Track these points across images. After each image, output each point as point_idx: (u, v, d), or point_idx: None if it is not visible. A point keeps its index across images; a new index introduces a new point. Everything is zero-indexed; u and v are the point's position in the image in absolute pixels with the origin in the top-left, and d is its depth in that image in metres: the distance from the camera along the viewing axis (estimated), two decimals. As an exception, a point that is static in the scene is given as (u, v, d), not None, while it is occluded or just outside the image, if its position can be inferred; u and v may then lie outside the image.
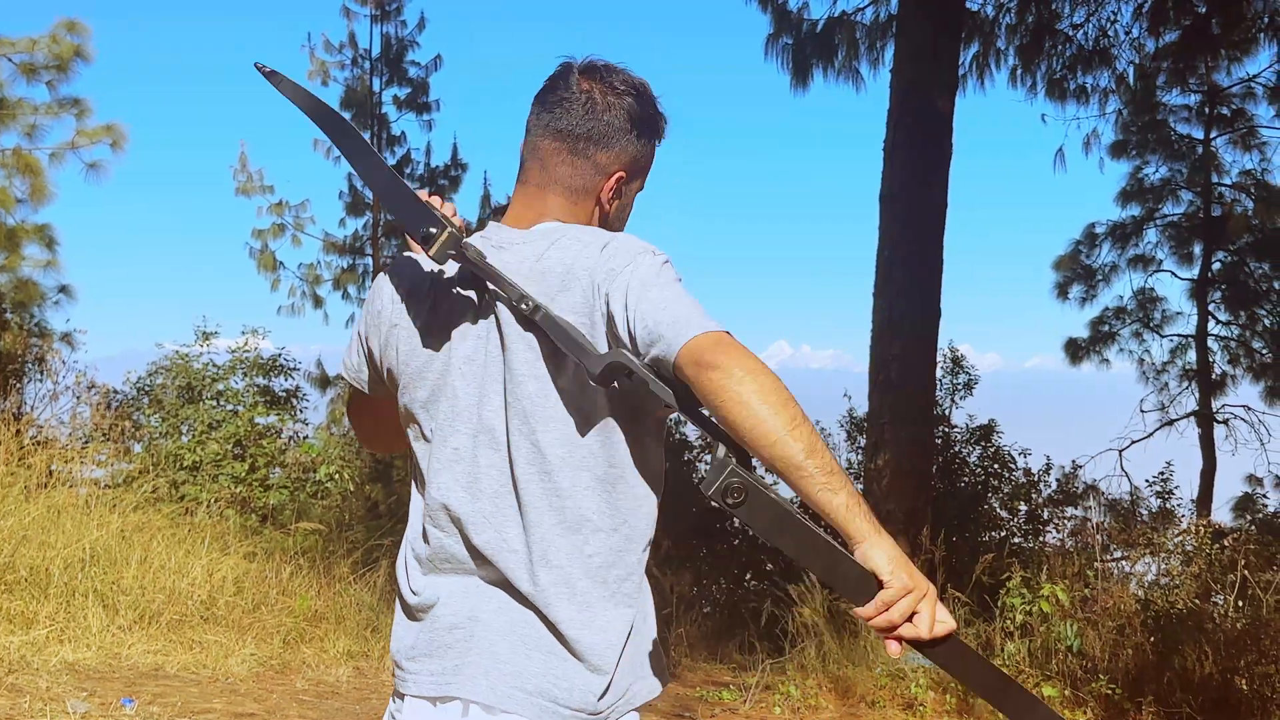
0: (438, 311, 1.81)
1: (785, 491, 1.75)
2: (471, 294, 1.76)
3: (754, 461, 1.59)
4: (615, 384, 1.65)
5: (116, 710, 5.06)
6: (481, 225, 1.87)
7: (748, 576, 12.38)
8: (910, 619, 1.53)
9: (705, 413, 1.62)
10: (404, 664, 1.80)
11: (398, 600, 1.86)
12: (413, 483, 1.87)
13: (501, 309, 1.72)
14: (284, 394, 13.06)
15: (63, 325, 11.21)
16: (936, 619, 1.54)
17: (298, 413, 13.07)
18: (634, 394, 1.67)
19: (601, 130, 1.79)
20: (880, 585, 1.52)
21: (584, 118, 1.78)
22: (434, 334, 1.80)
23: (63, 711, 4.90)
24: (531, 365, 1.70)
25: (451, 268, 1.79)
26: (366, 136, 10.77)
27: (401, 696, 1.81)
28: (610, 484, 1.73)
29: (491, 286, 1.71)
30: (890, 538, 1.56)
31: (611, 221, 1.88)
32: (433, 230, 1.69)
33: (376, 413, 2.04)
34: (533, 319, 1.65)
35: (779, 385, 1.53)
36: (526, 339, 1.70)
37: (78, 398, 10.31)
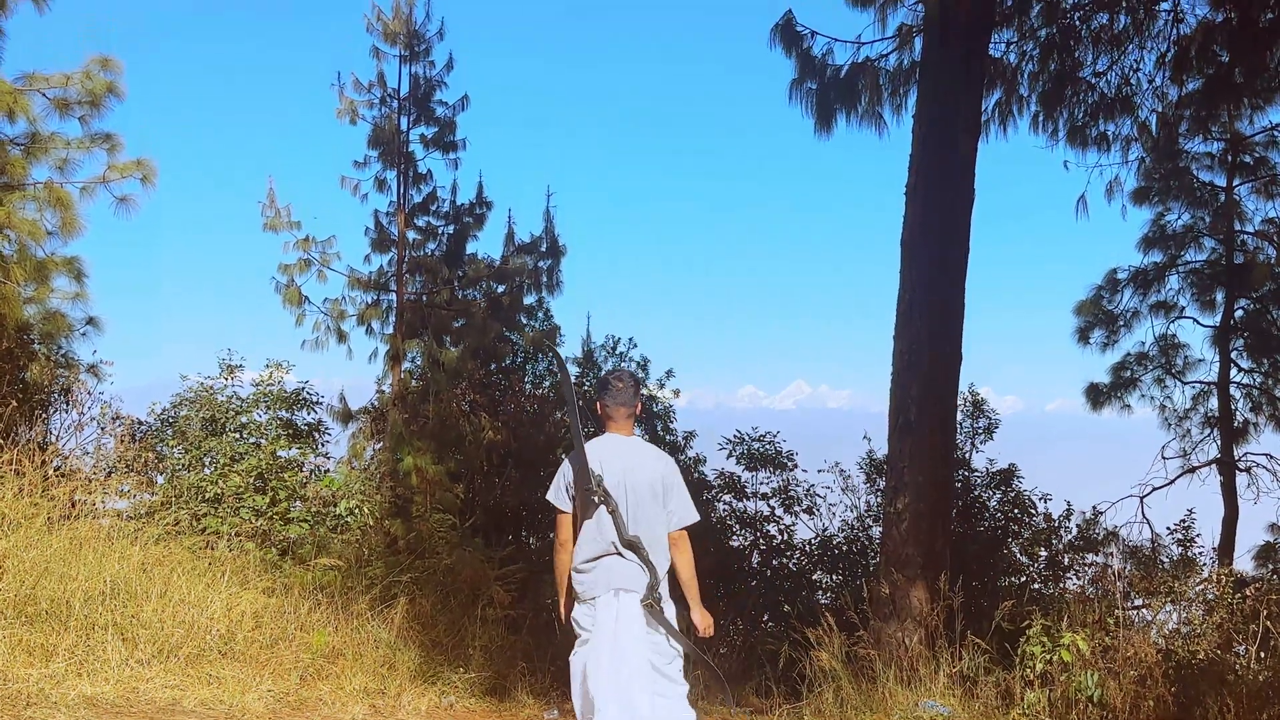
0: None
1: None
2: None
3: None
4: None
5: (134, 742, 5.07)
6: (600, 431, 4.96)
7: (765, 617, 12.33)
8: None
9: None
10: (592, 590, 4.63)
11: (572, 577, 4.74)
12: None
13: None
14: (306, 427, 13.14)
15: (89, 356, 11.31)
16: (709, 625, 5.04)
17: (319, 446, 13.14)
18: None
19: (632, 396, 4.88)
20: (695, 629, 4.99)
21: (626, 395, 4.86)
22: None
23: (81, 743, 4.92)
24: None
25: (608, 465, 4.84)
26: (393, 175, 10.91)
27: (591, 600, 4.63)
28: None
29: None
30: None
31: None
32: (595, 490, 4.66)
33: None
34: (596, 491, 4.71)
35: (691, 558, 4.91)
36: None
37: (102, 428, 10.41)
